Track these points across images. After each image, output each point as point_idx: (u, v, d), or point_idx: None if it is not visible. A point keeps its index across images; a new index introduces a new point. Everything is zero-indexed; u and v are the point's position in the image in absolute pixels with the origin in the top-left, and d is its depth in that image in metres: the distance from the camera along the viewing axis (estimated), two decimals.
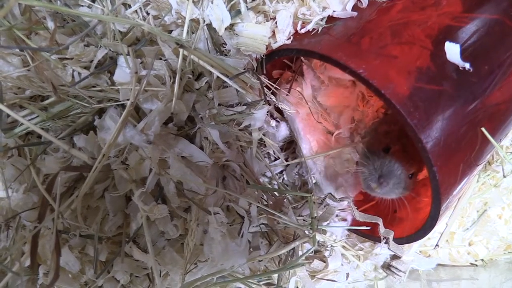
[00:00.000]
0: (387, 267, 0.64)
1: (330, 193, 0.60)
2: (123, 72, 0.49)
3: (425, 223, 0.50)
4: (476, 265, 0.74)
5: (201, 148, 0.53)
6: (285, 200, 0.57)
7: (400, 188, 0.54)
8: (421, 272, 0.69)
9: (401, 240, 0.56)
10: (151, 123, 0.48)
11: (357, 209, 0.61)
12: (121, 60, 0.49)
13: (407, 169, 0.54)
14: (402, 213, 0.62)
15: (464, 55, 0.44)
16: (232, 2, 0.52)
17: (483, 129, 0.46)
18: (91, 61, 0.50)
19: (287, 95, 0.61)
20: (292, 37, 0.54)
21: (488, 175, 0.70)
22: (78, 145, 0.50)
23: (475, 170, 0.51)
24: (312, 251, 0.53)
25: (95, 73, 0.49)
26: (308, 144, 0.62)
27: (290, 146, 0.67)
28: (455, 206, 0.69)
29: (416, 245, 0.67)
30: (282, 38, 0.53)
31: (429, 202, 0.47)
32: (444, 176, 0.44)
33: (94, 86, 0.51)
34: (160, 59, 0.51)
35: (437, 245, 0.70)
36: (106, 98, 0.50)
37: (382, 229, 0.57)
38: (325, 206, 0.59)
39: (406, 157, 0.54)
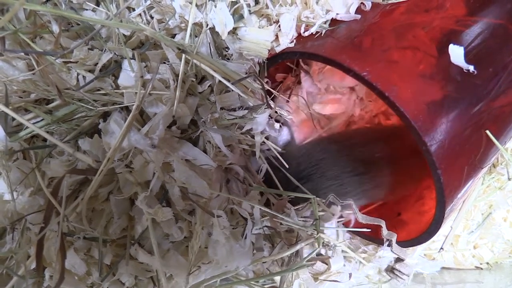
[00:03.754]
0: (390, 270, 0.64)
1: (333, 195, 0.59)
2: (128, 76, 0.49)
3: (430, 226, 0.49)
4: (481, 269, 0.74)
5: (205, 151, 0.53)
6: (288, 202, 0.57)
7: None
8: (425, 275, 0.69)
9: (405, 243, 0.56)
10: (156, 127, 0.48)
11: (359, 211, 0.61)
12: (126, 64, 0.49)
13: None
14: (406, 216, 0.61)
15: (468, 58, 0.44)
16: (235, 6, 0.52)
17: (487, 131, 0.46)
18: (96, 64, 0.51)
19: (287, 101, 0.61)
20: (295, 40, 0.54)
21: (493, 177, 0.70)
22: (83, 148, 0.50)
23: (479, 172, 0.51)
24: (315, 253, 0.53)
25: (100, 76, 0.50)
26: None
27: None
28: (460, 209, 0.69)
29: (420, 248, 0.67)
30: (286, 41, 0.53)
31: (433, 205, 0.47)
32: (449, 179, 0.43)
33: (98, 90, 0.51)
34: (164, 63, 0.51)
35: (441, 248, 0.69)
36: (111, 101, 0.51)
37: (385, 231, 0.57)
38: (328, 206, 0.60)
39: None
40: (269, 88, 0.56)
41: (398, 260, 0.63)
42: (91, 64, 0.51)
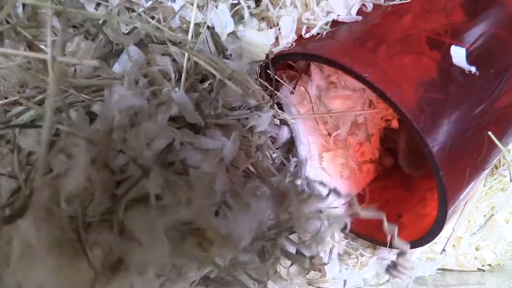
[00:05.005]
0: (393, 266, 0.63)
1: (335, 188, 0.58)
2: (127, 61, 0.48)
3: (432, 227, 0.49)
4: (484, 270, 0.74)
5: None
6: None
7: None
8: (427, 277, 0.68)
9: None
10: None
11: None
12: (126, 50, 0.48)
13: None
14: (407, 218, 0.61)
15: (470, 59, 0.44)
16: (236, 8, 0.52)
17: (489, 133, 0.46)
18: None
19: (291, 92, 0.61)
20: (295, 42, 0.54)
21: (495, 179, 0.70)
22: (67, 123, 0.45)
23: (481, 174, 0.51)
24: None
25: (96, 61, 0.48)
26: (306, 146, 0.62)
27: (286, 146, 0.66)
28: (462, 210, 0.69)
29: (417, 252, 0.67)
30: (285, 44, 0.53)
31: (435, 207, 0.47)
32: (451, 180, 0.43)
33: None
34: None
35: (443, 250, 0.69)
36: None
37: (386, 225, 0.57)
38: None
39: None
40: (278, 79, 0.55)
41: (400, 254, 0.62)
42: (84, 55, 0.49)
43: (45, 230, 0.39)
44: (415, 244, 0.54)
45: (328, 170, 0.64)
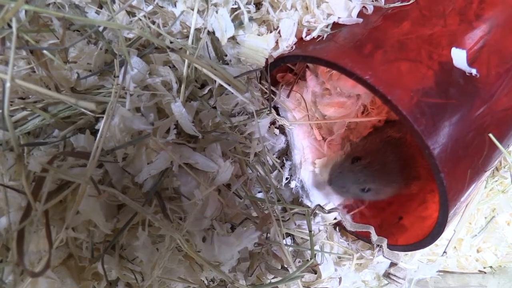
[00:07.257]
0: (387, 275, 0.64)
1: (319, 205, 0.59)
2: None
3: (433, 229, 0.49)
4: (485, 272, 0.73)
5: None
6: (274, 214, 0.54)
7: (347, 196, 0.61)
8: (429, 279, 0.68)
9: (408, 247, 0.56)
10: (163, 130, 0.48)
11: (350, 214, 0.63)
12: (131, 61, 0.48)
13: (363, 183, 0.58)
14: (408, 220, 0.61)
15: (470, 61, 0.44)
16: (236, 13, 0.52)
17: (490, 135, 0.46)
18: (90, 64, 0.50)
19: (287, 96, 0.61)
20: (295, 45, 0.54)
21: (496, 181, 0.70)
22: (75, 145, 0.47)
23: (483, 176, 0.51)
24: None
25: (97, 73, 0.49)
26: (300, 150, 0.63)
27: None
28: (463, 212, 0.68)
29: (418, 254, 0.67)
30: (284, 47, 0.53)
31: (436, 209, 0.47)
32: (452, 182, 0.43)
33: (99, 88, 0.50)
34: (170, 67, 0.50)
35: (445, 252, 0.69)
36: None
37: (374, 237, 0.57)
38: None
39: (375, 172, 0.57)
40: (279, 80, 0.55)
41: (392, 264, 0.63)
42: (86, 61, 0.50)
43: None
44: (416, 246, 0.54)
45: (322, 174, 0.64)
